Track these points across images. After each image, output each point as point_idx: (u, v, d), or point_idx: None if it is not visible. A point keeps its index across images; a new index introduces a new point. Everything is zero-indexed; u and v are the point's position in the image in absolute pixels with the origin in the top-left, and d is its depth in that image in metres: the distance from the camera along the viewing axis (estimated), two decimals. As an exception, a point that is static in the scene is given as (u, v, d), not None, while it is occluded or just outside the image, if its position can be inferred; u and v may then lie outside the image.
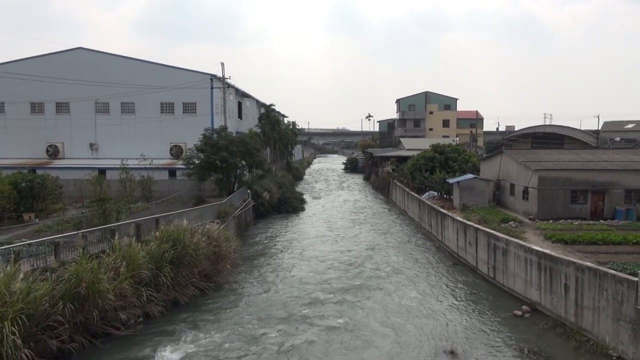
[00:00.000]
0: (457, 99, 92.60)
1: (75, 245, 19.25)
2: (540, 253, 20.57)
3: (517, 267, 22.31)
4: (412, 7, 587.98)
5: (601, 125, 79.74)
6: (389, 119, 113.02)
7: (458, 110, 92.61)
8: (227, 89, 46.34)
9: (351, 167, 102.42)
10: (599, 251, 21.43)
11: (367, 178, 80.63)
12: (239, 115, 58.34)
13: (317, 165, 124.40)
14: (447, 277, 26.06)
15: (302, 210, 49.42)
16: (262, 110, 64.19)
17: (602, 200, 29.06)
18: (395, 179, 54.24)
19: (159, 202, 37.05)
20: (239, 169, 41.59)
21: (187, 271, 21.79)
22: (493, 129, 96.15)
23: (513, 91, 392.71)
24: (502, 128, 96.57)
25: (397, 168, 57.81)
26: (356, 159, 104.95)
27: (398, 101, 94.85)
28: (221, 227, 27.70)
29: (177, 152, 46.08)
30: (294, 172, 76.85)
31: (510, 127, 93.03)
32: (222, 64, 44.23)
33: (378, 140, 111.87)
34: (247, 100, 63.02)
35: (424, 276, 26.28)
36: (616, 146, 58.45)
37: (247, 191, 42.15)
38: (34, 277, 15.84)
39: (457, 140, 71.22)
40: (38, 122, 47.07)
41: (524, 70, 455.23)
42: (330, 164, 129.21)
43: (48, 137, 47.17)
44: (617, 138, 70.03)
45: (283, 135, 68.35)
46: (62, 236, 20.05)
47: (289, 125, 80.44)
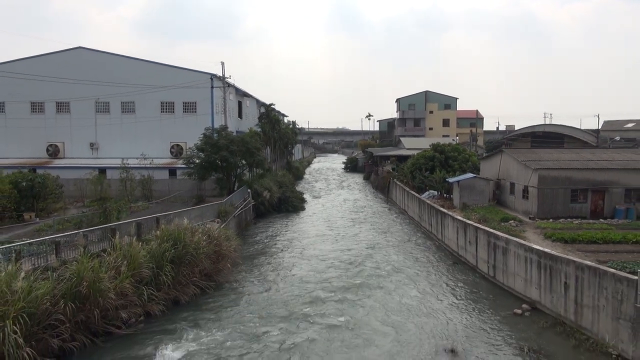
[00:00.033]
0: (457, 99, 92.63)
1: (76, 244, 19.31)
2: (540, 252, 20.62)
3: (517, 266, 22.35)
4: (412, 6, 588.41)
5: (601, 124, 79.80)
6: (389, 118, 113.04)
7: (458, 109, 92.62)
8: (227, 89, 46.34)
9: (351, 166, 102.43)
10: (599, 250, 21.46)
11: (367, 177, 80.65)
12: (239, 114, 58.37)
13: (317, 165, 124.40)
14: (447, 276, 26.11)
15: (302, 209, 49.46)
16: (262, 110, 64.21)
17: (602, 199, 29.11)
18: (395, 178, 54.27)
19: (159, 201, 37.09)
20: (239, 168, 41.61)
21: (187, 270, 21.84)
22: (493, 129, 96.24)
23: (513, 91, 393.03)
24: (502, 127, 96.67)
25: (397, 167, 57.86)
26: (356, 158, 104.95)
27: (398, 100, 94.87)
28: (222, 227, 27.73)
29: (177, 151, 46.12)
30: (294, 172, 76.86)
31: (510, 126, 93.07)
32: (222, 64, 44.29)
33: (378, 140, 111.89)
34: (247, 99, 63.04)
35: (424, 275, 26.33)
36: (616, 145, 58.51)
37: (248, 190, 42.18)
38: (35, 276, 15.88)
39: (457, 140, 71.27)
40: (38, 122, 47.11)
41: (524, 70, 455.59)
42: (330, 163, 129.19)
43: (48, 136, 47.22)
44: (617, 137, 70.12)
45: (283, 134, 68.38)
46: (63, 235, 20.09)
47: (289, 125, 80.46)
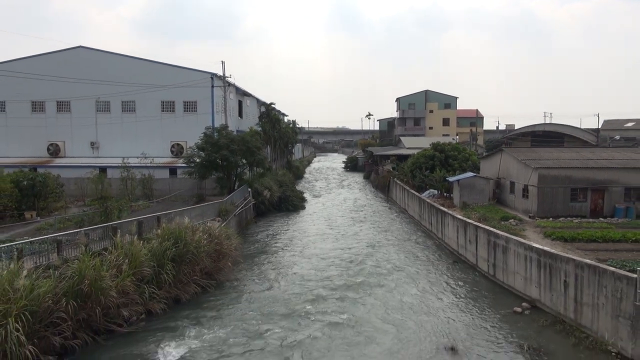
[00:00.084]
0: (457, 98, 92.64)
1: (77, 242, 19.38)
2: (540, 250, 20.68)
3: (517, 265, 22.42)
4: (412, 5, 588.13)
5: (601, 123, 79.81)
6: (389, 117, 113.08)
7: (458, 109, 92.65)
8: (228, 88, 46.36)
9: (351, 165, 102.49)
10: (599, 249, 21.51)
11: (367, 177, 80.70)
12: (240, 114, 58.41)
13: (317, 164, 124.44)
14: (447, 275, 26.18)
15: (302, 208, 49.53)
16: (263, 109, 64.27)
17: (602, 198, 29.17)
18: (395, 178, 54.34)
19: (159, 200, 37.15)
20: (240, 167, 41.65)
21: (188, 269, 21.92)
22: (493, 128, 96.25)
23: (513, 91, 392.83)
24: (502, 127, 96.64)
25: (397, 166, 57.92)
26: (356, 157, 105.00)
27: (398, 100, 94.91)
28: (222, 225, 27.79)
29: (177, 150, 46.17)
30: (294, 171, 76.91)
31: (510, 125, 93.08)
32: (223, 63, 44.30)
33: (378, 139, 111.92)
34: (248, 99, 63.09)
35: (424, 273, 26.40)
36: (616, 144, 58.59)
37: (248, 189, 42.26)
38: (37, 274, 15.95)
39: (457, 139, 71.32)
40: (39, 121, 47.14)
41: (524, 70, 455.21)
42: (330, 162, 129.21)
43: (49, 135, 47.25)
44: (617, 136, 70.22)
45: (283, 133, 68.44)
46: (65, 234, 20.19)
47: (289, 124, 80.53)
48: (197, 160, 38.40)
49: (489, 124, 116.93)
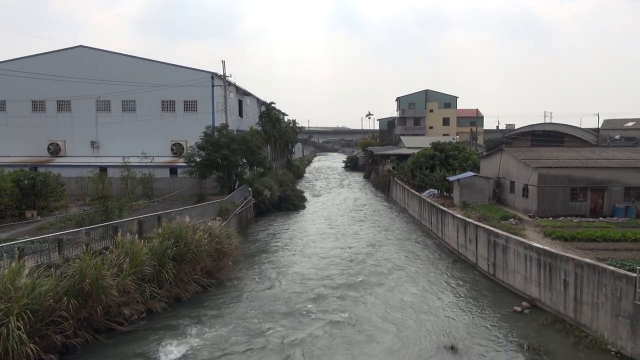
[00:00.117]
0: (457, 97, 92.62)
1: (78, 241, 19.43)
2: (539, 250, 20.73)
3: (516, 264, 22.46)
4: (412, 4, 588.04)
5: (601, 123, 79.78)
6: (389, 117, 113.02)
7: (458, 108, 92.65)
8: (228, 87, 46.39)
9: (351, 165, 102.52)
10: (598, 248, 21.56)
11: (367, 176, 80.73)
12: (240, 113, 58.42)
13: (318, 164, 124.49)
14: (447, 274, 26.22)
15: (302, 208, 49.57)
16: (263, 109, 64.33)
17: (602, 197, 29.22)
18: (395, 177, 54.38)
19: (160, 199, 37.18)
20: (240, 166, 41.69)
21: (189, 268, 21.96)
22: (493, 127, 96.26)
23: (513, 90, 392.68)
24: (502, 126, 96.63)
25: (398, 166, 57.94)
26: (356, 157, 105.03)
27: (398, 99, 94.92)
28: (223, 225, 27.84)
29: (178, 150, 46.20)
30: (294, 170, 76.97)
31: (510, 125, 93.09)
32: (223, 62, 44.30)
33: (378, 139, 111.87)
34: (248, 98, 63.11)
35: (424, 273, 26.45)
36: (616, 144, 58.58)
37: (248, 189, 42.29)
38: (38, 273, 16.00)
39: (457, 138, 71.35)
40: (39, 120, 47.16)
41: (524, 70, 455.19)
42: (330, 162, 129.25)
43: (49, 135, 47.28)
44: (617, 136, 70.22)
45: (283, 133, 68.51)
46: (66, 233, 20.23)
47: (289, 124, 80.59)
48: (198, 159, 38.42)
49: (489, 124, 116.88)
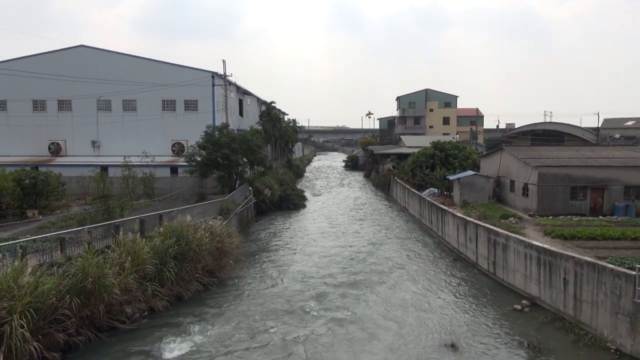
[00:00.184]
0: (457, 97, 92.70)
1: (80, 240, 19.51)
2: (539, 248, 20.81)
3: (516, 263, 22.54)
4: (412, 4, 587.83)
5: (601, 122, 79.87)
6: (389, 116, 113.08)
7: (458, 107, 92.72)
8: (229, 87, 46.44)
9: (351, 164, 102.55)
10: (598, 246, 21.63)
11: (367, 175, 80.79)
12: (240, 112, 58.49)
13: (318, 163, 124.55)
14: (447, 273, 26.31)
15: (303, 207, 49.64)
16: (263, 108, 64.34)
17: (602, 196, 29.29)
18: (395, 176, 54.44)
19: (161, 199, 37.22)
20: (241, 166, 41.73)
21: (190, 266, 22.05)
22: (493, 127, 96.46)
23: (513, 90, 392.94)
24: (502, 126, 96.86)
25: (398, 165, 58.02)
26: (356, 156, 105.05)
27: (398, 99, 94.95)
28: (224, 224, 27.93)
29: (178, 149, 46.29)
30: (294, 170, 77.01)
31: (510, 124, 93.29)
32: (224, 62, 44.32)
33: (378, 138, 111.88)
34: (248, 97, 63.18)
35: (425, 271, 26.53)
36: (616, 143, 58.64)
37: (249, 188, 42.36)
38: (41, 271, 16.08)
39: (458, 138, 71.45)
40: (40, 120, 47.26)
41: (524, 69, 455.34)
42: (330, 161, 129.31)
43: (50, 134, 47.36)
44: (617, 135, 70.24)
45: (284, 132, 68.53)
46: (68, 232, 20.30)
47: (289, 123, 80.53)
48: (198, 158, 38.47)
49: (489, 123, 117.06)
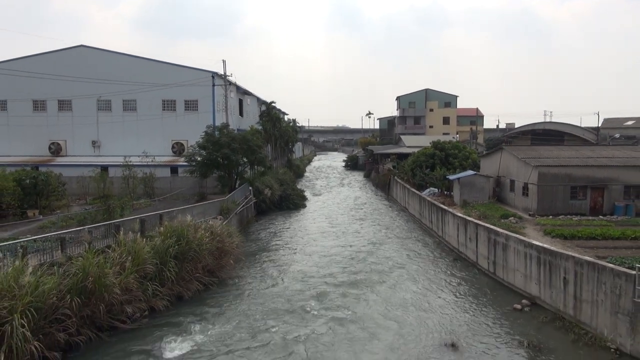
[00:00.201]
0: (457, 96, 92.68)
1: (81, 240, 19.53)
2: (539, 248, 20.82)
3: (516, 262, 22.56)
4: (412, 4, 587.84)
5: (601, 122, 79.86)
6: (389, 116, 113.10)
7: (458, 107, 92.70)
8: (229, 87, 46.46)
9: (351, 164, 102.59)
10: (598, 246, 21.64)
11: (367, 175, 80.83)
12: (240, 112, 58.52)
13: (318, 163, 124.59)
14: (447, 272, 26.33)
15: (303, 207, 49.67)
16: (263, 108, 64.37)
17: (602, 196, 29.30)
18: (395, 176, 54.47)
19: (161, 198, 37.23)
20: (241, 166, 41.77)
21: (191, 266, 22.07)
22: (493, 127, 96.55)
23: (513, 90, 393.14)
24: (502, 125, 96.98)
25: (398, 165, 58.03)
26: (356, 156, 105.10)
27: (398, 98, 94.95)
28: (224, 223, 27.94)
29: (178, 149, 46.32)
30: (294, 170, 77.04)
31: (510, 124, 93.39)
32: (224, 61, 44.35)
33: (378, 138, 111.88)
34: (248, 97, 63.20)
35: (425, 271, 26.55)
36: (616, 143, 58.65)
37: (249, 188, 42.38)
38: (41, 271, 16.09)
39: (458, 137, 71.47)
40: (40, 120, 47.30)
41: (524, 69, 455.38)
42: (330, 161, 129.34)
43: (50, 134, 47.40)
44: (617, 135, 70.25)
45: (284, 132, 68.54)
46: (68, 232, 20.33)
47: (289, 123, 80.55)
48: (198, 158, 38.50)
49: (489, 123, 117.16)
